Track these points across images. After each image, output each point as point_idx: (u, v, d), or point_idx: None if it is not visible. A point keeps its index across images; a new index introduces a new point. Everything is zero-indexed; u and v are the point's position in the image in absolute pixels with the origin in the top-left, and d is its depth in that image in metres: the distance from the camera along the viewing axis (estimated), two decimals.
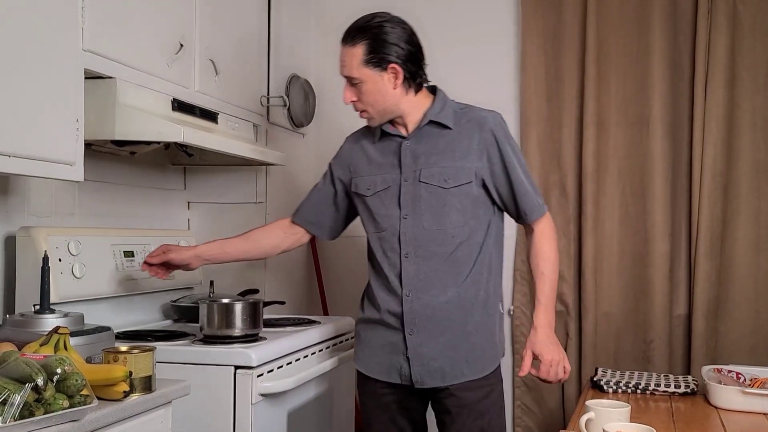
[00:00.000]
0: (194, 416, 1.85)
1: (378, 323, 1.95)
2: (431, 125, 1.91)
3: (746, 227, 2.75)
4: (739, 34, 2.75)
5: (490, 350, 1.92)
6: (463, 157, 1.87)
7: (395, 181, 1.91)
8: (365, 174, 1.97)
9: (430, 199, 1.87)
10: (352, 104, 1.92)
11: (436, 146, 1.89)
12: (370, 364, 1.97)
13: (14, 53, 1.51)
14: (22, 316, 1.68)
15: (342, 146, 2.09)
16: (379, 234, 1.93)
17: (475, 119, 1.91)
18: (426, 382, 1.89)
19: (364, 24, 1.86)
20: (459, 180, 1.86)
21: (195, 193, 2.78)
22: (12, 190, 1.96)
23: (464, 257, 1.88)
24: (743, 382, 2.27)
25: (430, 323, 1.88)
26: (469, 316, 1.89)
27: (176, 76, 2.13)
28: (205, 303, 2.05)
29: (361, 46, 1.84)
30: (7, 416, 1.19)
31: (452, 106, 1.94)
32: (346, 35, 1.87)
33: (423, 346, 1.88)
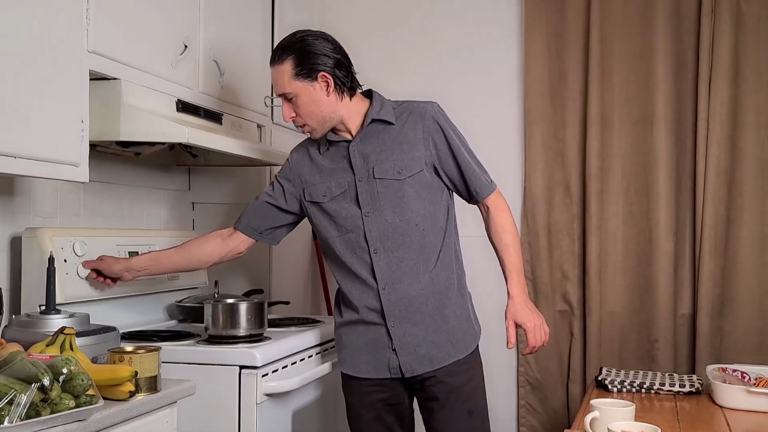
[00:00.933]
0: (199, 416, 1.85)
1: (358, 323, 1.97)
2: (374, 123, 1.96)
3: (751, 225, 2.75)
4: (742, 32, 2.74)
5: (469, 329, 1.99)
6: (411, 149, 1.94)
7: (350, 183, 1.95)
8: (318, 182, 2.00)
9: (387, 193, 1.92)
10: (292, 120, 1.96)
11: (383, 142, 1.95)
12: (357, 365, 1.99)
13: (19, 55, 1.52)
14: (28, 316, 1.69)
15: (288, 159, 2.09)
16: (344, 236, 1.96)
17: (416, 111, 1.97)
18: (416, 369, 1.93)
19: (287, 42, 1.92)
20: (411, 170, 1.93)
21: (199, 194, 2.79)
22: (17, 191, 1.96)
23: (430, 243, 1.94)
24: (748, 381, 2.26)
25: (410, 312, 1.93)
26: (445, 299, 1.95)
27: (180, 77, 2.14)
28: (209, 303, 2.05)
29: (288, 62, 1.89)
30: (13, 416, 1.20)
31: (390, 104, 2.00)
32: (273, 56, 1.92)
33: (407, 335, 1.93)
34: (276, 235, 2.12)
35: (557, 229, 2.93)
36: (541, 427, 2.97)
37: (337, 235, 1.97)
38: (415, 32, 3.13)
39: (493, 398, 2.09)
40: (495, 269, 2.03)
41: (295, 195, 2.05)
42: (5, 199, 1.93)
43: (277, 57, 1.91)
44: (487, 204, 2.01)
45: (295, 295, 2.92)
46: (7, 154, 1.49)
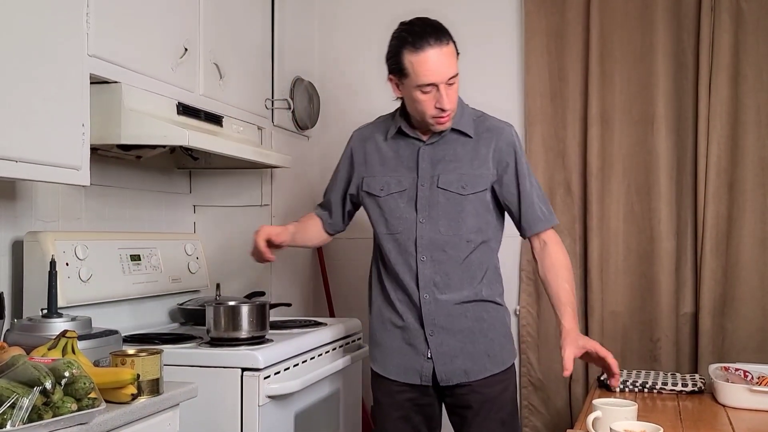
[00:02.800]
0: (202, 418, 1.85)
1: (395, 325, 1.96)
2: (452, 132, 1.93)
3: (752, 224, 2.75)
4: (742, 31, 2.74)
5: (507, 345, 1.99)
6: (480, 166, 1.91)
7: (411, 185, 1.93)
8: (377, 174, 1.97)
9: (447, 205, 1.90)
10: (446, 111, 1.84)
11: (455, 153, 1.92)
12: (387, 366, 1.98)
13: (20, 59, 1.52)
14: (30, 320, 1.69)
15: (350, 143, 2.07)
16: (393, 236, 1.95)
17: (493, 129, 1.94)
18: (451, 379, 1.93)
19: (437, 24, 1.84)
20: (476, 187, 1.91)
21: (201, 197, 2.79)
22: (19, 195, 1.97)
23: (478, 261, 1.93)
24: (751, 380, 2.26)
25: (449, 323, 1.91)
26: (485, 313, 1.94)
27: (181, 80, 2.14)
28: (211, 306, 2.06)
29: (451, 43, 1.83)
30: (15, 420, 1.20)
31: (470, 114, 1.96)
32: (437, 37, 1.79)
33: (444, 345, 1.91)
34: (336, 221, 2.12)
35: (558, 229, 2.89)
36: (543, 427, 2.97)
37: (385, 232, 1.96)
38: None
39: None
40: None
41: (355, 180, 2.03)
42: (7, 204, 1.93)
43: (443, 37, 1.80)
44: (544, 238, 1.97)
45: (296, 297, 2.92)
46: (8, 158, 1.49)
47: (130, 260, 2.24)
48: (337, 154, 3.18)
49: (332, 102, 3.19)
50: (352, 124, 3.18)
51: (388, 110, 2.95)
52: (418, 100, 1.84)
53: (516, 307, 3.00)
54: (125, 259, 2.22)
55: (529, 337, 2.97)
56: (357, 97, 3.19)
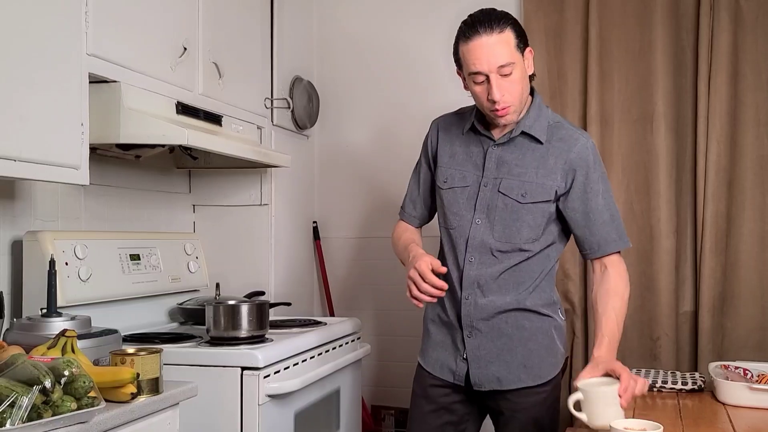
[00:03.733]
0: (202, 417, 1.85)
1: (440, 320, 1.93)
2: (523, 136, 1.84)
3: (751, 223, 2.74)
4: (741, 30, 2.74)
5: (548, 357, 1.89)
6: (546, 175, 1.82)
7: (474, 183, 1.86)
8: (444, 165, 1.92)
9: (504, 211, 1.83)
10: (497, 102, 1.74)
11: (523, 159, 1.83)
12: (428, 358, 1.96)
13: (19, 58, 1.52)
14: (29, 319, 1.69)
15: (429, 132, 2.00)
16: (447, 230, 1.91)
17: (567, 138, 1.84)
18: (484, 385, 1.88)
19: (499, 12, 1.76)
20: (536, 197, 1.81)
21: (200, 196, 2.79)
22: (18, 194, 1.97)
23: (529, 269, 1.85)
24: (750, 378, 2.26)
25: (488, 327, 1.86)
26: (528, 321, 1.86)
27: (180, 79, 2.14)
28: (211, 305, 2.06)
29: (509, 30, 1.73)
30: (15, 418, 1.20)
31: (546, 117, 1.87)
32: (487, 24, 1.72)
33: (481, 348, 1.87)
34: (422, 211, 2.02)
35: None
36: None
37: (443, 225, 1.92)
38: (413, 32, 3.13)
39: None
40: None
41: (432, 168, 1.97)
42: (6, 203, 1.93)
43: (496, 25, 1.72)
44: (606, 263, 1.83)
45: (296, 296, 2.92)
46: (7, 157, 1.49)
47: (129, 260, 2.24)
48: (337, 153, 3.21)
49: (332, 101, 3.19)
50: (351, 123, 3.20)
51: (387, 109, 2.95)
52: (473, 91, 1.80)
53: None
54: (125, 258, 2.22)
55: None
56: (356, 96, 3.19)
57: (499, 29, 1.72)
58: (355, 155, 3.18)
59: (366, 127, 3.18)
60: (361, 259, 3.15)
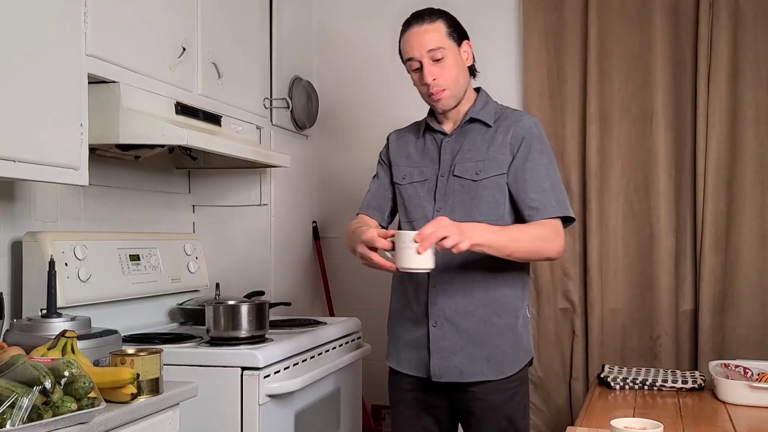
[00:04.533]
0: (202, 418, 1.85)
1: (406, 316, 1.95)
2: (472, 122, 1.94)
3: (751, 221, 2.75)
4: (741, 28, 2.74)
5: (513, 353, 1.90)
6: (496, 151, 1.89)
7: (432, 175, 1.93)
8: (402, 164, 2.00)
9: (461, 192, 1.88)
10: (431, 84, 1.86)
11: (474, 143, 1.92)
12: (400, 360, 1.97)
13: (18, 59, 1.52)
14: (29, 320, 1.69)
15: (388, 139, 2.09)
16: (410, 223, 1.94)
17: (512, 117, 1.94)
18: (444, 376, 1.88)
19: (430, 8, 1.91)
20: (489, 172, 1.87)
21: (200, 197, 2.79)
22: (18, 195, 1.97)
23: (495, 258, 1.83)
24: (751, 376, 2.26)
25: (454, 318, 1.87)
26: (495, 316, 1.88)
27: (179, 79, 2.14)
28: (211, 305, 2.06)
29: (440, 21, 1.88)
30: (15, 419, 1.20)
31: (494, 106, 1.97)
32: (418, 16, 1.88)
33: (445, 339, 1.88)
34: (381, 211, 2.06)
35: None
36: (544, 425, 2.97)
37: (405, 220, 1.97)
38: None
39: None
40: None
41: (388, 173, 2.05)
42: (6, 204, 1.93)
43: (427, 16, 1.88)
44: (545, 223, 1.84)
45: (296, 296, 2.92)
46: (7, 158, 1.49)
47: (129, 260, 2.24)
48: (336, 153, 3.21)
49: (331, 101, 3.19)
50: (351, 123, 3.21)
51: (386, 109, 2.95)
52: (413, 80, 1.93)
53: None
54: (124, 259, 2.22)
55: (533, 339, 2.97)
56: (356, 96, 3.19)
57: (430, 20, 1.88)
58: (354, 155, 3.18)
59: (365, 127, 3.18)
60: None
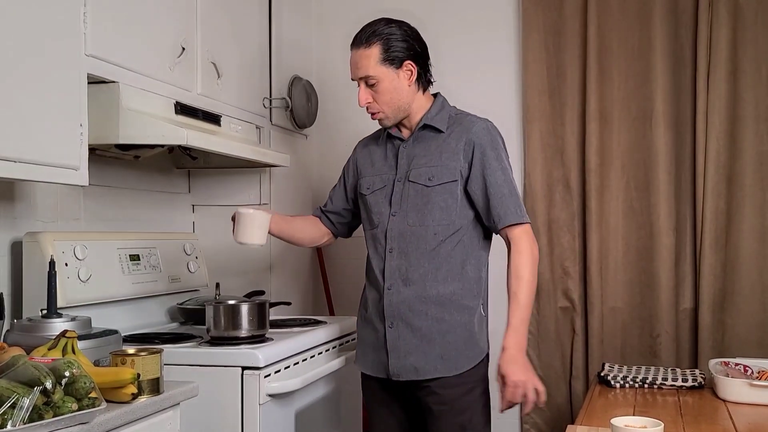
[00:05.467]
0: (202, 417, 1.85)
1: (368, 319, 2.01)
2: (426, 129, 1.99)
3: (751, 219, 2.75)
4: (741, 26, 2.74)
5: (467, 350, 1.92)
6: (449, 158, 1.94)
7: (389, 181, 2.00)
8: (368, 175, 2.07)
9: (415, 197, 1.94)
10: (367, 106, 1.97)
11: (428, 148, 1.97)
12: (366, 362, 2.03)
13: (17, 59, 1.52)
14: (29, 320, 1.69)
15: (354, 150, 2.18)
16: (371, 231, 2.02)
17: (465, 124, 1.97)
18: (401, 375, 1.93)
19: (375, 28, 1.93)
20: (442, 178, 1.92)
21: (200, 197, 2.79)
22: (18, 196, 1.97)
23: (446, 255, 1.92)
24: (751, 374, 2.26)
25: (408, 318, 1.92)
26: (447, 314, 1.91)
27: (179, 79, 2.14)
28: (211, 305, 2.06)
29: (376, 46, 1.91)
30: (16, 420, 1.20)
31: (448, 111, 2.01)
32: (358, 39, 1.94)
33: (400, 339, 1.93)
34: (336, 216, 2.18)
35: (558, 225, 2.93)
36: (544, 423, 2.97)
37: (368, 228, 2.04)
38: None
39: (495, 396, 2.09)
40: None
41: (353, 185, 2.12)
42: (6, 204, 1.93)
43: (365, 40, 1.92)
44: (510, 238, 1.91)
45: (296, 295, 2.92)
46: (6, 158, 1.49)
47: (129, 260, 2.24)
48: (336, 152, 3.21)
49: (330, 101, 3.19)
50: (350, 122, 3.20)
51: None
52: None
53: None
54: (124, 259, 2.22)
55: (528, 333, 2.96)
56: (355, 96, 3.16)
57: (366, 45, 1.92)
58: None
59: (365, 127, 3.17)
60: (361, 258, 3.13)
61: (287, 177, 2.88)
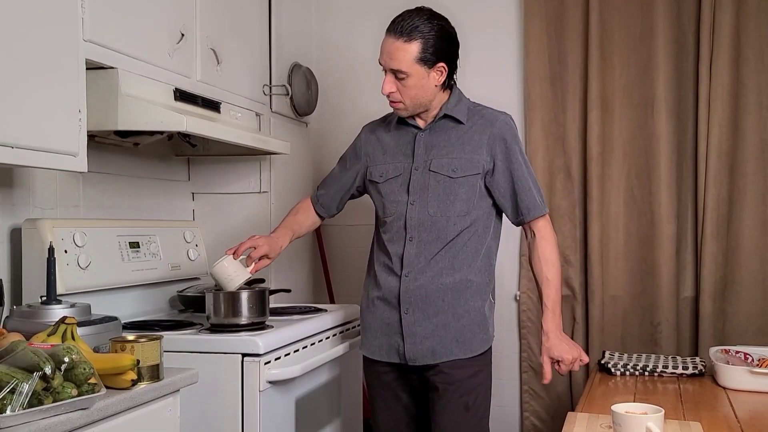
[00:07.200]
0: (202, 404, 1.86)
1: (379, 301, 2.01)
2: (446, 119, 1.99)
3: (753, 207, 2.74)
4: (743, 12, 2.72)
5: (480, 334, 1.98)
6: (472, 151, 1.96)
7: (406, 170, 2.00)
8: (380, 162, 2.06)
9: (437, 188, 1.96)
10: (389, 95, 1.95)
11: (448, 139, 1.98)
12: (372, 348, 2.04)
13: (15, 44, 1.51)
14: (29, 307, 1.68)
15: (359, 136, 2.16)
16: (388, 218, 2.02)
17: (487, 116, 2.00)
18: (418, 359, 1.96)
19: (417, 22, 1.88)
20: (466, 171, 1.95)
21: (199, 184, 2.78)
22: (17, 182, 1.96)
23: (463, 245, 1.96)
24: (751, 362, 2.26)
25: (424, 304, 1.95)
26: (462, 299, 1.96)
27: (178, 65, 2.13)
28: (211, 292, 2.05)
29: (416, 44, 1.87)
30: (15, 405, 1.20)
31: (466, 103, 2.03)
32: (398, 30, 1.87)
33: (416, 325, 1.95)
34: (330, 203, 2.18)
35: (559, 214, 2.93)
36: (544, 411, 2.97)
37: (383, 216, 2.04)
38: None
39: (496, 384, 2.10)
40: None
41: (361, 171, 2.10)
42: (5, 191, 1.93)
43: (405, 34, 1.86)
44: (534, 229, 2.00)
45: (296, 283, 2.92)
46: (4, 144, 1.48)
47: (129, 247, 2.23)
48: (336, 140, 3.20)
49: (330, 88, 3.18)
50: (350, 110, 3.19)
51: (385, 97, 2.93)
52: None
53: (516, 293, 3.00)
54: (124, 246, 2.21)
55: (529, 322, 2.97)
56: (355, 83, 3.18)
57: (406, 39, 1.87)
58: None
59: (365, 114, 3.16)
60: (361, 246, 3.13)
61: (287, 165, 2.87)
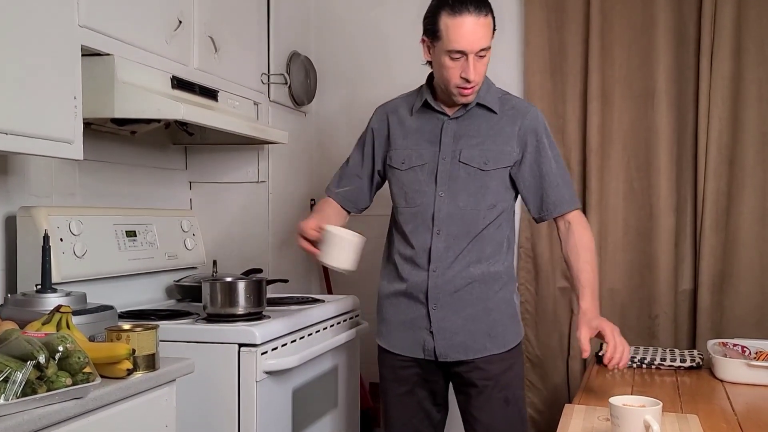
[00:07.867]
0: (199, 394, 1.85)
1: (402, 295, 1.96)
2: (477, 107, 1.92)
3: (752, 201, 2.73)
4: (744, 4, 2.71)
5: (512, 326, 1.96)
6: (504, 142, 1.90)
7: (432, 159, 1.92)
8: (399, 147, 1.97)
9: (467, 180, 1.89)
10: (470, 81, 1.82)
11: (479, 129, 1.91)
12: (392, 340, 1.99)
13: (9, 30, 1.49)
14: (23, 295, 1.68)
15: (374, 117, 2.05)
16: (411, 209, 1.94)
17: (519, 108, 1.94)
18: (450, 355, 1.92)
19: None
20: (498, 164, 1.90)
21: (196, 173, 2.76)
22: (12, 169, 1.94)
23: (491, 237, 1.92)
24: (749, 355, 2.26)
25: (453, 298, 1.91)
26: (492, 292, 1.93)
27: (175, 53, 2.11)
28: (208, 282, 2.04)
29: (490, 15, 1.81)
30: (9, 394, 1.19)
31: (495, 91, 1.96)
32: (476, 5, 1.77)
33: (446, 320, 1.91)
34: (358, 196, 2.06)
35: None
36: (541, 403, 2.97)
37: (404, 206, 1.96)
38: (413, 6, 3.08)
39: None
40: None
41: (379, 155, 2.02)
42: None
43: (484, 8, 1.79)
44: (569, 219, 1.95)
45: (294, 273, 2.91)
46: None
47: (125, 236, 2.22)
48: (335, 130, 3.18)
49: (329, 77, 3.16)
50: (349, 99, 3.17)
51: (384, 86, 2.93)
52: (446, 66, 1.83)
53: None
54: (120, 235, 2.20)
55: (527, 314, 2.96)
56: (354, 72, 3.15)
57: (485, 13, 1.79)
58: (353, 132, 3.14)
59: (364, 104, 3.14)
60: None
61: (285, 154, 2.85)
